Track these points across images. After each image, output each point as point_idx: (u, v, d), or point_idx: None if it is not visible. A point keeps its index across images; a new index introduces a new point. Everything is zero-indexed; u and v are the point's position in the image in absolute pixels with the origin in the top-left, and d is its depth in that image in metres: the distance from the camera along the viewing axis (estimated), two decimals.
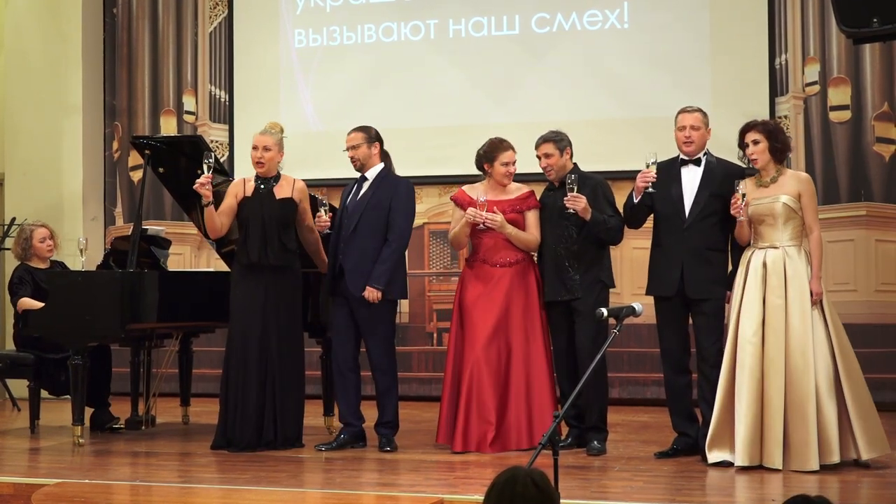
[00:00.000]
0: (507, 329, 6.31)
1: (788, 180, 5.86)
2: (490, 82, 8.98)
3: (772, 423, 5.65)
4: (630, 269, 8.41)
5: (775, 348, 5.69)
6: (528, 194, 6.47)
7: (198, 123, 9.70)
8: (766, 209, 5.81)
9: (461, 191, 6.57)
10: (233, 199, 6.48)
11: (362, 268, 6.38)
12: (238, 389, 6.38)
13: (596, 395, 6.31)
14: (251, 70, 9.55)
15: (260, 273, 6.39)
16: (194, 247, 9.50)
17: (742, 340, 5.75)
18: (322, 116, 9.35)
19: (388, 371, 6.51)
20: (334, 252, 6.47)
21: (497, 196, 6.43)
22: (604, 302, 6.30)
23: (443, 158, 8.76)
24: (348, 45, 9.32)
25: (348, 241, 6.42)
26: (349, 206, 6.48)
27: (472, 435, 6.22)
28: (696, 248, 6.02)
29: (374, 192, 6.47)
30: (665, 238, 6.13)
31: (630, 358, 8.54)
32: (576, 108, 8.63)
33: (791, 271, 5.74)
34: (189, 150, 7.06)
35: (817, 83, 8.37)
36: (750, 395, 5.69)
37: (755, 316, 5.74)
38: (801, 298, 5.71)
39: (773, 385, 5.66)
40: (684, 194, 6.10)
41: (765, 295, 5.76)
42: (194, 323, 7.27)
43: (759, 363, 5.71)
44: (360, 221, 6.42)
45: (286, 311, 6.46)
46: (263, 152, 6.47)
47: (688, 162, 6.16)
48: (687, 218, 6.06)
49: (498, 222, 6.29)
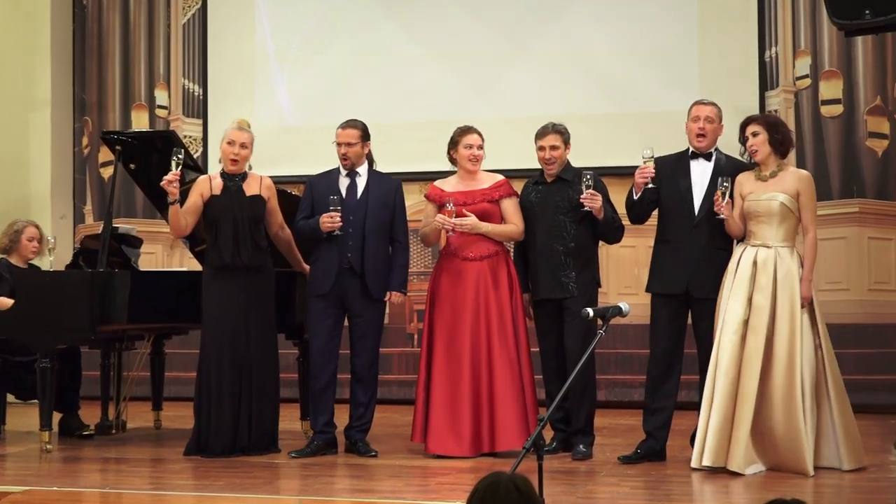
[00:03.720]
0: (479, 325, 6.30)
1: (788, 178, 5.83)
2: (473, 76, 8.97)
3: (740, 426, 5.65)
4: (616, 267, 8.42)
5: (753, 349, 5.68)
6: (501, 182, 6.47)
7: (170, 118, 9.66)
8: (762, 207, 5.79)
9: (433, 186, 6.58)
10: (198, 198, 6.44)
11: (380, 270, 6.42)
12: (212, 393, 6.36)
13: (583, 397, 6.31)
14: (226, 63, 9.51)
15: (232, 274, 6.37)
16: (166, 246, 9.46)
17: (722, 339, 5.76)
18: (298, 110, 9.33)
19: (374, 380, 6.54)
20: (338, 250, 6.40)
21: (469, 186, 6.44)
22: (595, 302, 6.31)
23: (424, 154, 8.70)
24: (326, 37, 9.30)
25: (358, 240, 6.40)
26: (350, 203, 6.43)
27: (446, 435, 6.23)
28: (704, 246, 6.01)
29: (375, 191, 6.47)
30: (672, 234, 6.12)
31: (617, 359, 8.54)
32: (561, 101, 8.61)
33: (782, 273, 5.73)
34: (161, 145, 7.03)
35: (808, 77, 8.39)
36: (722, 393, 5.70)
37: (738, 314, 5.74)
38: (791, 301, 5.70)
39: (747, 386, 5.66)
40: (694, 189, 6.09)
41: (752, 294, 5.75)
42: (167, 324, 7.24)
43: (736, 363, 5.71)
44: (369, 221, 6.41)
45: (260, 312, 6.44)
46: (240, 149, 6.44)
47: (698, 156, 6.14)
48: (697, 214, 6.05)
49: (469, 225, 6.29)
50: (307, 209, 6.50)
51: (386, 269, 6.46)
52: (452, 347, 6.32)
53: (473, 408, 6.26)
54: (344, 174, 6.52)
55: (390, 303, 6.53)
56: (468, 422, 6.24)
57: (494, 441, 6.22)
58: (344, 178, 6.52)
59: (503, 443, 6.20)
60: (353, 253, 6.39)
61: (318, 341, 6.46)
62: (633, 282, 8.27)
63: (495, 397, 6.26)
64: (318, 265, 6.47)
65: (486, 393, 6.27)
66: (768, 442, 5.68)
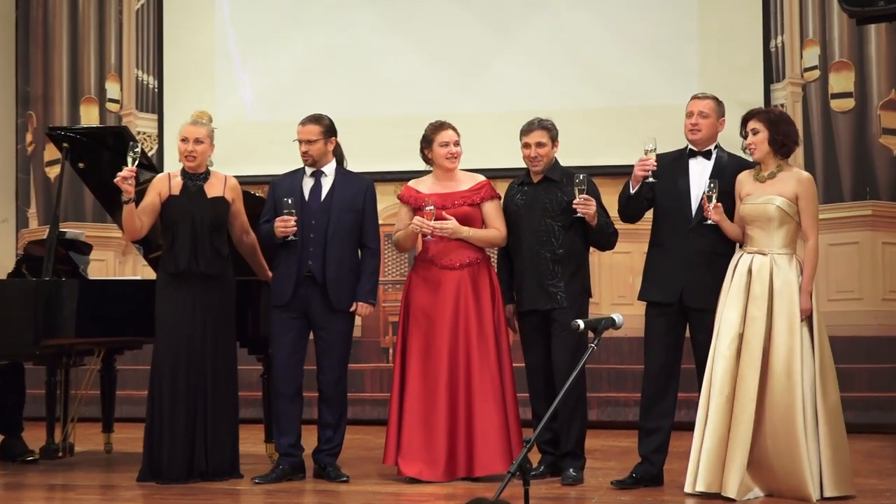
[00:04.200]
0: (458, 339, 6.29)
1: (788, 179, 5.81)
2: (454, 67, 8.98)
3: (735, 450, 5.63)
4: (609, 275, 8.44)
5: (748, 366, 5.67)
6: (482, 184, 6.48)
7: (123, 112, 9.64)
8: (757, 211, 5.79)
9: (407, 187, 6.57)
10: (156, 197, 6.43)
11: (344, 278, 6.41)
12: (166, 413, 6.33)
13: (573, 417, 6.31)
14: (183, 53, 9.50)
15: (189, 282, 6.35)
16: (118, 252, 9.44)
17: (717, 353, 5.76)
18: (263, 105, 9.32)
19: (341, 399, 6.53)
20: (298, 258, 6.42)
21: (447, 188, 6.44)
22: (586, 313, 6.31)
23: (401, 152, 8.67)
24: (293, 25, 9.29)
25: (319, 246, 6.40)
26: (312, 206, 6.44)
27: (418, 457, 6.23)
28: (701, 252, 6.01)
29: (341, 192, 6.47)
30: (667, 238, 6.13)
31: (610, 376, 8.56)
32: (550, 95, 8.64)
33: (779, 282, 5.72)
34: (113, 142, 7.01)
35: (817, 68, 8.43)
36: (716, 413, 5.68)
37: (733, 327, 5.74)
38: (790, 313, 5.68)
39: (743, 407, 5.64)
40: (691, 190, 6.10)
41: (747, 305, 5.75)
42: (119, 338, 7.21)
43: (731, 380, 5.70)
44: (332, 225, 6.40)
45: (218, 324, 6.42)
46: (195, 145, 6.42)
47: (696, 154, 6.17)
48: (693, 217, 6.06)
49: (450, 229, 6.29)
50: (270, 212, 6.50)
51: (352, 278, 6.45)
52: (429, 363, 6.31)
53: (449, 429, 6.25)
54: (308, 174, 6.52)
55: (358, 315, 6.51)
56: (443, 444, 6.22)
57: (473, 465, 6.21)
58: (308, 179, 6.52)
59: (482, 467, 6.20)
60: (314, 260, 6.39)
61: (281, 355, 6.47)
62: (627, 291, 8.28)
63: (474, 417, 6.24)
64: (278, 273, 6.49)
65: (463, 412, 6.25)
66: (766, 467, 5.66)
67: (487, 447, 6.20)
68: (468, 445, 6.24)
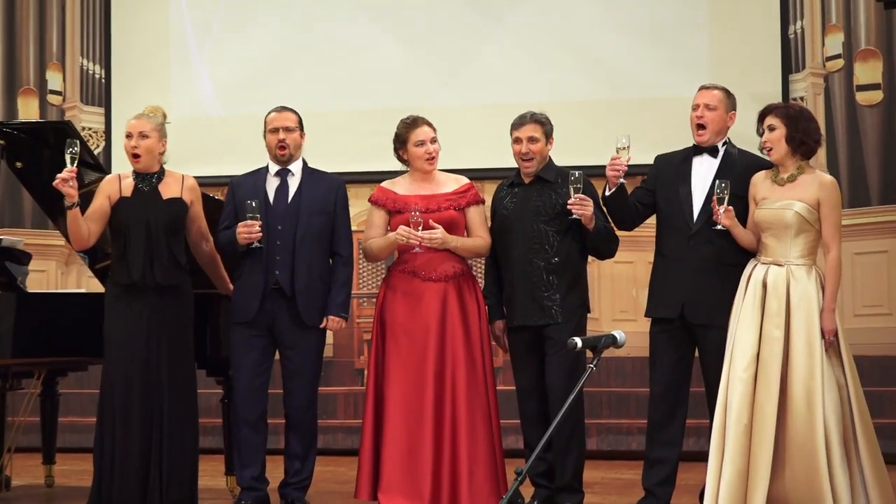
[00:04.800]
0: (445, 361, 6.24)
1: (809, 183, 5.80)
2: (435, 55, 9.00)
3: (756, 483, 5.62)
4: (610, 288, 8.45)
5: (766, 391, 5.65)
6: (467, 186, 6.46)
7: (66, 106, 9.63)
8: (774, 217, 5.78)
9: (381, 188, 6.49)
10: (105, 200, 6.41)
11: (315, 290, 6.41)
12: (117, 443, 6.31)
13: (569, 446, 6.31)
14: (134, 39, 9.50)
15: (142, 295, 6.33)
16: (61, 262, 9.43)
17: (732, 376, 5.73)
18: (223, 98, 9.33)
19: (311, 427, 6.54)
20: (264, 267, 6.40)
21: (428, 189, 6.40)
22: (584, 329, 6.32)
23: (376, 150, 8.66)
24: (257, 9, 9.30)
25: (287, 253, 6.39)
26: (278, 209, 6.44)
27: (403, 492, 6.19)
28: (706, 261, 6.01)
29: (309, 192, 6.47)
30: (668, 246, 6.15)
31: (611, 400, 8.57)
32: (544, 87, 8.66)
33: (797, 297, 5.70)
34: (54, 139, 6.98)
35: (841, 57, 8.47)
36: (735, 444, 5.65)
37: (749, 346, 5.71)
38: (808, 331, 5.67)
39: (762, 438, 5.62)
40: (693, 191, 6.12)
41: (762, 322, 5.75)
42: (61, 358, 7.19)
43: (749, 406, 5.67)
44: (301, 230, 6.40)
45: (176, 342, 6.39)
46: (140, 140, 6.39)
47: (702, 151, 6.19)
48: (695, 221, 6.08)
49: (439, 239, 6.23)
50: (230, 216, 6.49)
51: (323, 289, 6.45)
52: (411, 386, 6.24)
53: (435, 460, 6.21)
54: (273, 173, 6.51)
55: (329, 330, 6.50)
56: (427, 477, 6.18)
57: (458, 499, 6.18)
58: (272, 178, 6.52)
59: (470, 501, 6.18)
60: (281, 270, 6.39)
61: (243, 378, 6.46)
62: (630, 305, 8.31)
63: (461, 447, 6.21)
64: (241, 286, 6.47)
65: (449, 442, 6.22)
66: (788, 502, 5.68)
67: (476, 480, 6.18)
68: (453, 478, 6.21)
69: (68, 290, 9.14)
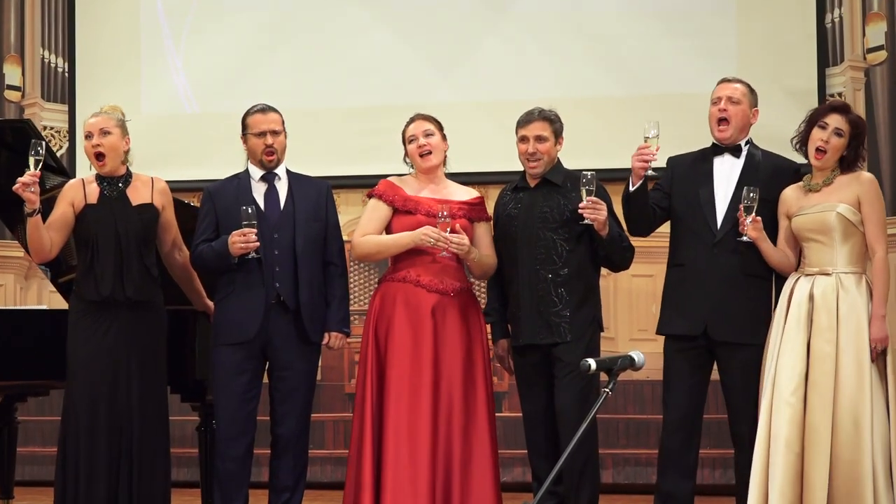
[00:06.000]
0: (443, 382, 6.22)
1: (847, 183, 5.84)
2: (433, 46, 9.01)
3: None
4: (626, 303, 8.46)
5: (821, 413, 5.67)
6: (479, 199, 6.48)
7: (25, 102, 9.64)
8: (815, 221, 5.81)
9: (389, 184, 6.45)
10: (68, 208, 6.39)
11: (317, 304, 6.43)
12: (82, 475, 6.30)
13: (582, 478, 6.30)
14: (101, 30, 9.51)
15: (111, 311, 6.32)
16: (20, 276, 9.44)
17: (778, 401, 5.74)
18: (199, 94, 9.33)
19: (303, 455, 6.52)
20: (263, 281, 6.35)
21: (440, 194, 6.40)
22: (597, 349, 6.33)
23: (369, 151, 8.76)
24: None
25: (288, 265, 6.38)
26: (272, 217, 6.42)
27: None
28: (730, 271, 6.03)
29: (301, 197, 6.46)
30: (687, 255, 6.16)
31: (628, 427, 8.57)
32: (555, 82, 8.68)
33: (845, 308, 5.73)
34: (12, 139, 7.00)
35: (884, 48, 8.46)
36: (785, 474, 5.67)
37: (796, 368, 5.73)
38: (857, 345, 5.70)
39: (816, 463, 5.63)
40: (716, 195, 6.15)
41: (810, 339, 5.76)
42: (20, 381, 7.20)
43: (800, 432, 5.69)
44: (301, 239, 6.39)
45: (147, 364, 6.38)
46: (102, 137, 6.35)
47: (723, 151, 6.21)
48: (719, 228, 6.10)
49: (466, 247, 6.19)
50: (209, 229, 6.44)
51: (323, 303, 6.45)
52: (413, 414, 6.19)
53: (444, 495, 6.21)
54: (257, 178, 6.50)
55: (330, 348, 6.48)
56: None
57: None
58: (258, 184, 6.49)
59: None
60: (282, 283, 6.37)
61: (230, 406, 6.40)
62: (648, 323, 8.26)
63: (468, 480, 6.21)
64: (235, 303, 6.40)
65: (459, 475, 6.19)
66: None
67: None
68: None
69: (28, 306, 9.16)
